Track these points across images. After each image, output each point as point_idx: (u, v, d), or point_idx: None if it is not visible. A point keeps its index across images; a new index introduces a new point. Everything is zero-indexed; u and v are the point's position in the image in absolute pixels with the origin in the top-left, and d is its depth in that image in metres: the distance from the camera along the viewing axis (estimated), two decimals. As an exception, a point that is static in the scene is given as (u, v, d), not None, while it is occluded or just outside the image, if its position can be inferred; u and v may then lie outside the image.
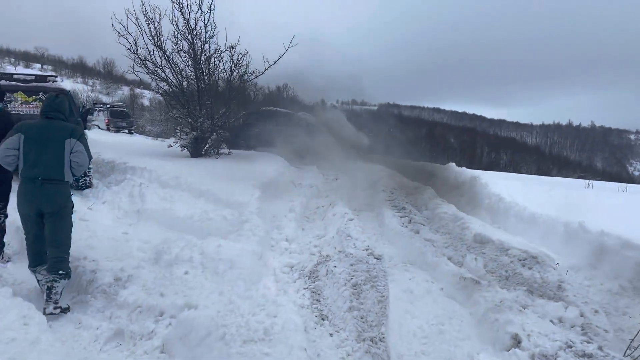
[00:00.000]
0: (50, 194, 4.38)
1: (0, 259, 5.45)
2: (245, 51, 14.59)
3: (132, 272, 4.87)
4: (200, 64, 14.51)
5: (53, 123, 4.51)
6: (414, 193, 10.48)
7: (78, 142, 4.50)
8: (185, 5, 14.03)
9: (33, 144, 4.35)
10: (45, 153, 4.36)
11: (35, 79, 9.29)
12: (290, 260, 5.48)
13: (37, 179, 4.31)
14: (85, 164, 4.60)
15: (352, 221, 6.65)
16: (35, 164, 4.33)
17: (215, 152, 14.78)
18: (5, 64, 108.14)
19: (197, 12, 14.09)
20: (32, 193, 4.35)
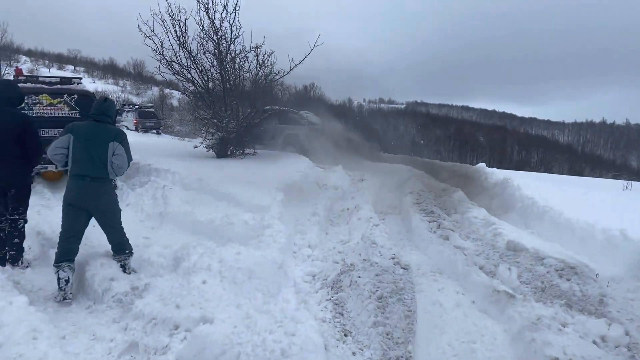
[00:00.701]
0: (97, 191, 4.87)
1: (20, 265, 5.36)
2: (271, 51, 14.48)
3: (149, 280, 4.73)
4: (225, 65, 14.44)
5: (100, 126, 4.97)
6: (442, 195, 10.15)
7: (120, 145, 4.94)
8: (210, 5, 14.00)
9: (81, 144, 4.81)
10: (91, 153, 4.81)
11: (60, 81, 9.28)
12: (312, 269, 5.26)
13: (86, 177, 4.80)
14: (124, 166, 5.06)
15: (377, 227, 6.38)
16: (84, 163, 4.80)
17: (241, 153, 14.70)
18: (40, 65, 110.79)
19: (223, 13, 14.04)
20: (80, 190, 4.84)
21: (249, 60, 14.58)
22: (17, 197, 5.36)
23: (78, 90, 9.08)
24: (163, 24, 14.08)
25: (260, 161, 12.86)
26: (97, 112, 5.06)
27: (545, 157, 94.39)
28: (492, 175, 11.04)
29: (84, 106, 9.03)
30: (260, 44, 14.18)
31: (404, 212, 8.22)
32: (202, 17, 13.96)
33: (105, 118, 5.07)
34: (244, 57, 14.43)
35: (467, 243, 6.14)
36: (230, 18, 14.03)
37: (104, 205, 4.98)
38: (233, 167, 11.11)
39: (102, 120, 5.02)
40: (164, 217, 7.58)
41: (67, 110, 8.90)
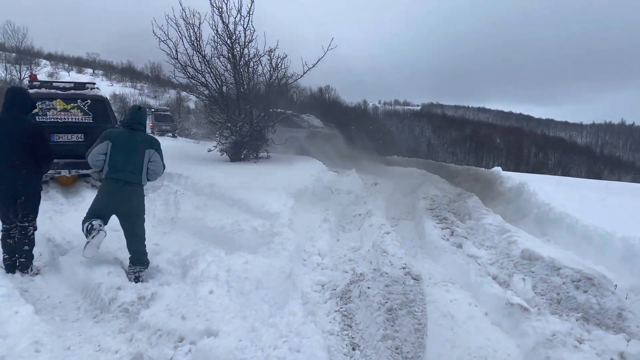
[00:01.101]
0: (129, 195, 5.15)
1: (29, 272, 5.35)
2: (284, 54, 14.43)
3: (156, 289, 4.67)
4: (239, 69, 14.43)
5: (136, 134, 5.25)
6: (456, 200, 9.99)
7: (156, 152, 5.26)
8: (224, 9, 14.00)
9: (119, 151, 5.11)
10: (129, 160, 5.12)
11: (74, 86, 9.32)
12: (321, 278, 5.16)
13: (120, 181, 5.08)
14: (159, 172, 5.38)
15: (388, 234, 6.27)
16: (120, 168, 5.08)
17: (254, 157, 14.67)
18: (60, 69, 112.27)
19: (237, 17, 14.03)
20: (114, 192, 5.12)
21: (263, 64, 14.59)
22: (27, 204, 5.34)
23: (91, 96, 9.11)
24: (177, 29, 14.15)
25: (273, 165, 12.79)
26: (132, 120, 5.32)
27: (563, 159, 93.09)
28: (507, 180, 10.86)
29: (97, 111, 9.07)
30: (273, 48, 14.18)
31: (417, 218, 8.10)
32: (217, 21, 13.98)
33: (140, 126, 5.36)
34: (257, 60, 14.44)
35: (480, 251, 6.00)
36: (244, 22, 14.06)
37: (134, 209, 5.24)
38: (246, 171, 11.07)
39: (137, 129, 5.31)
40: (175, 222, 7.56)
41: (80, 116, 8.93)
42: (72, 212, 7.64)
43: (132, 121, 5.32)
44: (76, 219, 7.10)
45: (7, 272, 5.28)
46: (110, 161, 5.12)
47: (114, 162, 5.11)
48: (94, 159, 5.17)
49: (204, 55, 14.36)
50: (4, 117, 5.31)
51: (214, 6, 14.02)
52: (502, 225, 6.93)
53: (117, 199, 5.12)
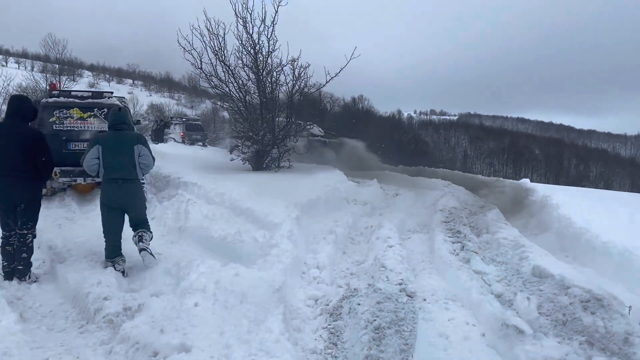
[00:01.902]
0: (130, 191, 5.55)
1: (27, 279, 5.36)
2: (307, 64, 14.38)
3: (145, 300, 4.60)
4: (262, 78, 14.45)
5: (122, 133, 5.59)
6: (477, 213, 9.66)
7: (144, 147, 5.57)
8: (249, 19, 14.07)
9: (110, 152, 5.41)
10: (121, 158, 5.45)
11: (92, 95, 9.44)
12: (316, 292, 4.97)
13: (119, 180, 5.44)
14: (150, 164, 5.72)
15: (391, 248, 6.04)
16: (114, 168, 5.41)
17: (276, 166, 14.61)
18: (101, 80, 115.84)
19: (260, 26, 14.08)
20: (115, 191, 5.47)
21: (286, 73, 14.57)
22: (26, 212, 5.36)
23: (108, 104, 9.21)
24: (202, 39, 14.28)
25: (293, 174, 12.67)
26: (115, 121, 5.66)
27: (605, 171, 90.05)
28: (533, 192, 10.46)
29: (114, 120, 9.15)
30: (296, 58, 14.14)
31: (431, 231, 7.82)
32: (241, 31, 14.05)
33: (123, 125, 5.68)
34: (280, 70, 14.43)
35: (489, 267, 5.70)
36: (268, 32, 14.08)
37: (137, 203, 5.72)
38: (263, 180, 10.97)
39: (122, 128, 5.64)
40: (183, 232, 7.52)
41: (96, 124, 9.04)
42: (83, 220, 7.70)
43: (115, 122, 5.65)
44: (84, 227, 7.20)
45: (4, 279, 5.30)
46: (104, 163, 5.42)
47: (108, 164, 5.42)
48: (89, 164, 5.44)
49: (228, 65, 14.46)
50: (6, 125, 5.37)
51: (239, 16, 14.14)
52: (516, 240, 6.60)
53: (120, 196, 5.50)
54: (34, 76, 37.09)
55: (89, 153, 5.44)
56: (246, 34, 14.16)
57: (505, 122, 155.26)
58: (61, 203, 8.69)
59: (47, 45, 35.82)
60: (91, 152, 5.43)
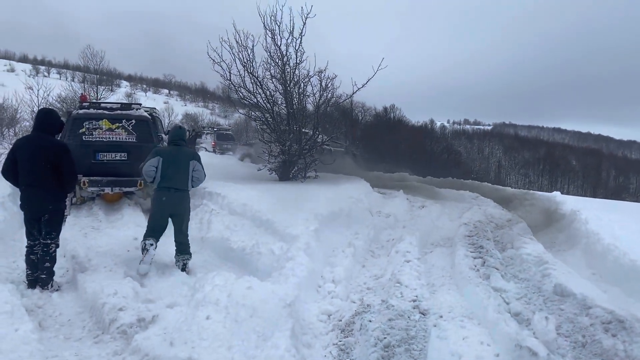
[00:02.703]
0: (179, 199, 6.28)
1: (49, 288, 5.48)
2: (334, 75, 14.42)
3: (159, 311, 4.65)
4: (289, 89, 14.55)
5: (180, 149, 6.38)
6: (503, 227, 9.46)
7: (198, 163, 6.38)
8: (277, 31, 14.21)
9: (168, 164, 6.15)
10: (177, 171, 6.19)
11: (121, 107, 9.66)
12: (329, 307, 4.93)
13: (172, 189, 6.16)
14: (202, 179, 6.50)
15: (409, 263, 5.96)
16: (170, 178, 6.14)
17: (302, 176, 14.65)
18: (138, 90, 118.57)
19: (288, 38, 14.21)
20: (167, 198, 6.17)
21: (313, 84, 14.64)
22: (50, 222, 5.51)
23: (136, 116, 9.40)
24: (231, 51, 14.49)
25: (318, 185, 12.66)
26: (176, 137, 6.46)
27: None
28: (562, 206, 10.19)
29: (141, 131, 9.33)
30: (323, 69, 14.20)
31: (453, 246, 7.69)
32: (269, 43, 14.21)
33: (182, 142, 6.54)
34: (307, 81, 14.50)
35: (509, 284, 5.56)
36: (296, 44, 14.19)
37: (182, 210, 6.38)
38: (287, 191, 11.00)
39: (180, 144, 6.44)
40: (204, 242, 7.59)
41: (124, 135, 9.23)
42: (108, 230, 7.84)
43: (176, 138, 6.44)
44: (109, 236, 7.33)
45: (28, 287, 5.45)
46: (162, 173, 6.12)
47: (165, 174, 6.12)
48: (147, 169, 6.12)
49: (256, 77, 14.62)
50: (32, 137, 5.55)
51: (267, 28, 14.30)
52: (540, 256, 6.42)
53: (170, 203, 6.18)
54: (73, 86, 38.20)
55: (149, 161, 6.13)
56: (274, 45, 14.34)
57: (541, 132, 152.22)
58: (89, 212, 8.88)
59: (86, 56, 36.98)
60: (152, 161, 6.12)
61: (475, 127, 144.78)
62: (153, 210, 6.36)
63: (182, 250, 6.32)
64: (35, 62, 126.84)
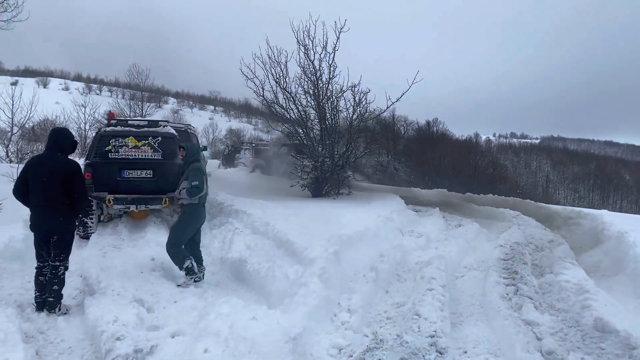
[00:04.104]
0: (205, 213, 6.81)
1: (57, 311, 5.33)
2: (367, 89, 14.11)
3: (159, 342, 4.38)
4: (322, 104, 14.33)
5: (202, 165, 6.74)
6: (543, 249, 8.84)
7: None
8: (310, 46, 14.06)
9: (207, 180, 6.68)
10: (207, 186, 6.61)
11: (148, 124, 9.60)
12: (340, 341, 4.52)
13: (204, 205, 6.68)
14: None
15: (431, 291, 5.50)
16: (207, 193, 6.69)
17: (335, 193, 14.32)
18: (184, 106, 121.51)
19: (322, 53, 14.04)
20: (204, 213, 6.73)
21: (346, 99, 14.37)
22: (59, 244, 5.40)
23: (163, 133, 9.31)
24: (264, 67, 14.43)
25: (349, 202, 12.32)
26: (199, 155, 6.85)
27: None
28: (609, 226, 9.44)
29: (167, 148, 9.22)
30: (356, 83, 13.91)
31: (486, 270, 7.16)
32: (302, 58, 14.10)
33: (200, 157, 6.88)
34: (340, 95, 14.25)
35: (544, 317, 5.04)
36: (329, 58, 13.99)
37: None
38: (314, 208, 10.69)
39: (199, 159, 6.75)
40: (223, 262, 7.37)
41: (150, 153, 9.14)
42: (129, 249, 7.70)
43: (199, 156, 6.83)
44: (128, 256, 7.18)
45: (36, 309, 5.31)
46: (206, 190, 6.59)
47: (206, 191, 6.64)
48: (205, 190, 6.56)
49: (289, 92, 14.48)
50: (43, 156, 5.45)
51: (300, 43, 14.15)
52: (581, 284, 5.85)
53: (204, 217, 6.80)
54: (119, 103, 39.33)
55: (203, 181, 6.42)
56: (307, 60, 14.18)
57: (591, 145, 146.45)
58: (113, 230, 8.80)
59: (132, 74, 38.11)
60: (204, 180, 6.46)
61: (522, 140, 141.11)
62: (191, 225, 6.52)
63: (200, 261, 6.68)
64: (88, 80, 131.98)
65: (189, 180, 6.31)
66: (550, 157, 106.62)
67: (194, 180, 6.26)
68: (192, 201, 6.36)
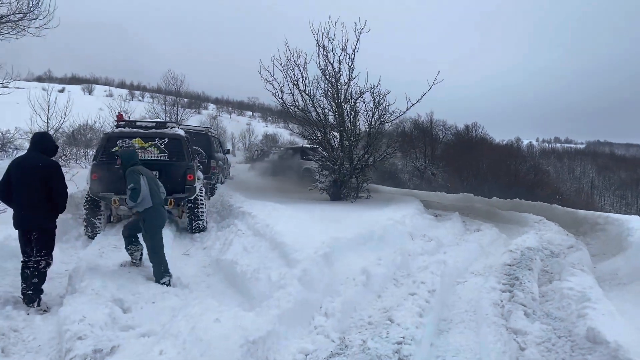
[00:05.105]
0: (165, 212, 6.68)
1: (35, 306, 5.36)
2: (387, 91, 13.87)
3: (122, 342, 4.28)
4: (341, 106, 14.16)
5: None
6: (559, 254, 8.37)
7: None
8: (330, 48, 13.93)
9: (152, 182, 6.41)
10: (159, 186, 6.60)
11: (156, 125, 9.63)
12: (308, 346, 4.30)
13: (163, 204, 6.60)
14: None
15: (413, 296, 5.22)
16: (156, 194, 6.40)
17: (353, 196, 14.09)
18: (223, 112, 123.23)
19: (341, 55, 13.90)
20: (164, 212, 6.54)
21: (366, 101, 14.16)
22: (39, 240, 5.48)
23: (169, 134, 9.31)
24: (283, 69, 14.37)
25: (365, 206, 12.08)
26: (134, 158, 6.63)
27: None
28: (634, 232, 8.90)
29: (174, 149, 9.21)
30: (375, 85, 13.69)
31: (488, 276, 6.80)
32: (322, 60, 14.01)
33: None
34: (359, 97, 14.05)
35: (533, 325, 4.69)
36: (349, 60, 13.82)
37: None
38: (326, 211, 10.51)
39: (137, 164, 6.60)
40: (218, 264, 7.28)
41: (156, 153, 9.15)
42: (127, 250, 7.68)
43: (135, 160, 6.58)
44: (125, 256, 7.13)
45: (24, 302, 5.39)
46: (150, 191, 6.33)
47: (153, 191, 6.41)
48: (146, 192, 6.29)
49: (308, 94, 14.38)
50: (26, 156, 5.61)
51: (319, 45, 14.04)
52: (584, 292, 5.45)
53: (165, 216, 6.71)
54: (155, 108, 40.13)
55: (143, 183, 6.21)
56: (326, 61, 14.05)
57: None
58: (118, 230, 8.82)
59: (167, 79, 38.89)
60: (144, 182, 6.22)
61: (566, 145, 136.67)
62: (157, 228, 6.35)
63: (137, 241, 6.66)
64: (131, 87, 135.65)
65: (127, 185, 6.18)
66: (596, 162, 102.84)
67: (129, 183, 6.10)
68: (144, 206, 6.19)
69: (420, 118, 45.54)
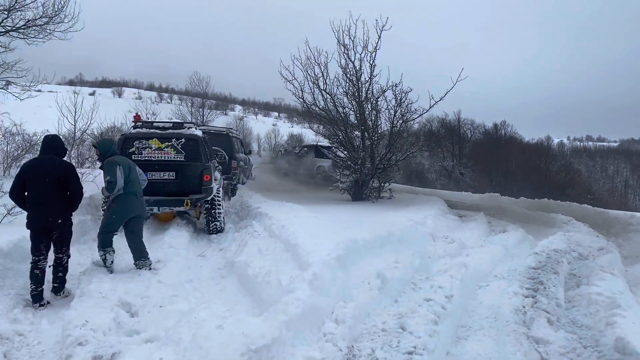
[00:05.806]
0: (142, 204, 6.69)
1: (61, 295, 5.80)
2: (409, 89, 13.58)
3: (122, 348, 4.15)
4: (362, 105, 13.94)
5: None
6: (588, 257, 7.98)
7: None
8: (351, 46, 13.72)
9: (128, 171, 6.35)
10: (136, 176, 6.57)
11: (173, 126, 9.56)
12: (314, 354, 4.07)
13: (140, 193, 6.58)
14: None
15: (428, 302, 4.96)
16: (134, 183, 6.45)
17: (375, 196, 13.82)
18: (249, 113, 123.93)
19: (362, 53, 13.68)
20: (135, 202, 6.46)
21: (388, 99, 13.88)
22: (60, 238, 5.81)
23: (186, 135, 9.22)
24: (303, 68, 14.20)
25: (386, 206, 11.83)
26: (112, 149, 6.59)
27: None
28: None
29: (190, 149, 9.13)
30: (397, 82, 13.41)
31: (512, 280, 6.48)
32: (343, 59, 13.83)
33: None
34: (380, 95, 13.80)
35: (557, 334, 4.39)
36: (371, 58, 13.58)
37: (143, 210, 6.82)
38: (346, 212, 10.32)
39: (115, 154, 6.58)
40: (232, 266, 7.14)
41: (173, 154, 9.07)
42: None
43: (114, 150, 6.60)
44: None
45: (33, 303, 5.47)
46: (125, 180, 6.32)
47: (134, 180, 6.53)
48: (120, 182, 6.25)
49: (329, 93, 14.19)
50: (41, 159, 5.80)
51: (340, 43, 13.83)
52: (613, 298, 5.11)
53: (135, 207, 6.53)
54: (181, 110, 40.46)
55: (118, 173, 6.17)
56: (347, 60, 13.84)
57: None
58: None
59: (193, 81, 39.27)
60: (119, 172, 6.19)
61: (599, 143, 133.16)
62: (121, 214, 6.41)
63: (139, 257, 6.52)
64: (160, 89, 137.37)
65: (104, 176, 6.25)
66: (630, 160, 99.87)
67: (106, 176, 6.14)
68: (117, 194, 6.24)
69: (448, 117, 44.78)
